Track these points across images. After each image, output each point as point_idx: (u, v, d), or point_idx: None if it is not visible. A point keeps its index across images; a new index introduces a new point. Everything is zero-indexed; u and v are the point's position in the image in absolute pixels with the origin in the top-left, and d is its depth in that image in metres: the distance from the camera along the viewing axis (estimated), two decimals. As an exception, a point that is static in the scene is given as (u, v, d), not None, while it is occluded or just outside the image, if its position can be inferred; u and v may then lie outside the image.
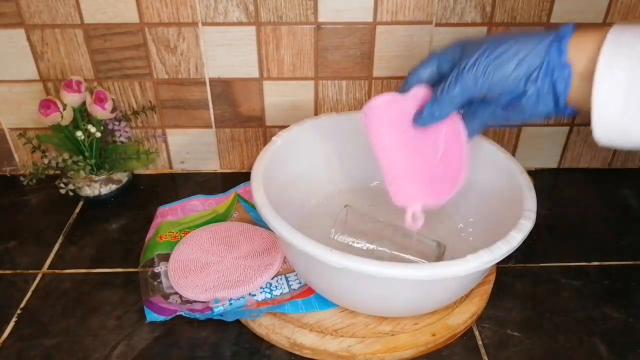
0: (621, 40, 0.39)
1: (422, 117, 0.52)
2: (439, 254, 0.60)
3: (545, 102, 0.44)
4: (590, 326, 0.59)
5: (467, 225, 0.66)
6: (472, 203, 0.66)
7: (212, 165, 0.84)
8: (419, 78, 0.52)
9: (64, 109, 0.69)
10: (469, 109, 0.52)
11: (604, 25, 0.40)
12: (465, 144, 0.54)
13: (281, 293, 0.59)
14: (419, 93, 0.53)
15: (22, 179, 0.74)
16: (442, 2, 0.69)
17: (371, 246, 0.60)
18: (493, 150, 0.63)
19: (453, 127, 0.54)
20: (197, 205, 0.74)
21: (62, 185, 0.72)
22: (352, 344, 0.55)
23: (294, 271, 0.62)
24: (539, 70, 0.43)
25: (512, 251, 0.49)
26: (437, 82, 0.51)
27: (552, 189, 0.81)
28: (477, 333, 0.58)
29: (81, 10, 0.69)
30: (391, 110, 0.53)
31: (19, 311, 0.60)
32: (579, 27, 0.43)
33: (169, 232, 0.67)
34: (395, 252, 0.60)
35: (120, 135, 0.76)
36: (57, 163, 0.71)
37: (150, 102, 0.77)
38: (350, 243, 0.61)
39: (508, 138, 0.81)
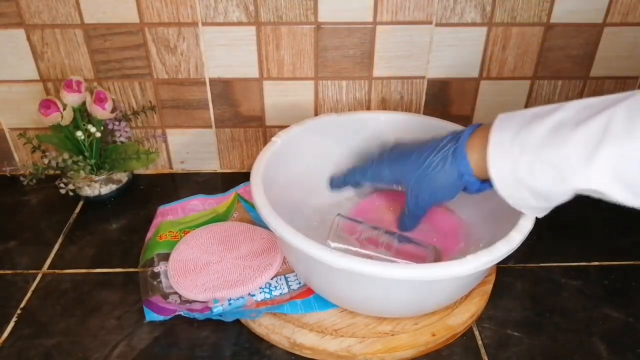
0: (503, 138, 0.47)
1: (406, 228, 0.62)
2: (436, 259, 0.60)
3: (479, 192, 0.53)
4: (590, 326, 0.59)
5: (467, 225, 0.66)
6: (472, 203, 0.66)
7: (212, 165, 0.84)
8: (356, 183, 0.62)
9: (64, 109, 0.69)
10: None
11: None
12: None
13: (280, 293, 0.59)
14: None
15: (22, 179, 0.74)
16: (442, 2, 0.69)
17: (366, 252, 0.60)
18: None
19: None
20: (198, 205, 0.74)
21: (62, 185, 0.72)
22: (352, 344, 0.55)
23: (294, 271, 0.62)
24: (458, 185, 0.53)
25: (511, 252, 0.49)
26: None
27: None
28: (477, 333, 0.58)
29: (81, 10, 0.69)
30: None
31: (19, 311, 0.60)
32: (471, 136, 0.52)
33: (169, 231, 0.67)
34: (391, 258, 0.60)
35: (120, 135, 0.76)
36: (57, 163, 0.71)
37: (150, 102, 0.77)
38: (345, 250, 0.61)
39: (508, 138, 0.81)
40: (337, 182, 0.65)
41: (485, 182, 0.51)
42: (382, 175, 0.58)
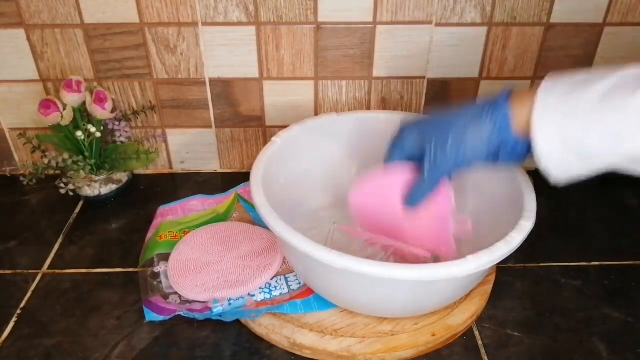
0: (549, 102, 0.45)
1: (413, 199, 0.54)
2: None
3: (511, 159, 0.49)
4: (590, 326, 0.59)
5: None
6: (472, 203, 0.66)
7: (212, 165, 0.84)
8: (401, 154, 0.55)
9: (64, 109, 0.69)
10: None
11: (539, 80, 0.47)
12: (451, 209, 0.55)
13: (280, 293, 0.59)
14: (400, 171, 0.55)
15: (22, 179, 0.74)
16: (442, 2, 0.69)
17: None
18: (493, 151, 0.63)
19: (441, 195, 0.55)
20: (198, 205, 0.74)
21: (62, 185, 0.72)
22: (352, 344, 0.55)
23: (294, 272, 0.62)
24: (492, 140, 0.48)
25: (511, 252, 0.49)
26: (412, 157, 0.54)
27: (552, 189, 0.81)
28: (477, 333, 0.58)
29: (81, 10, 0.69)
30: (377, 192, 0.57)
31: (19, 311, 0.60)
32: (515, 91, 0.49)
33: (169, 231, 0.67)
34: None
35: (120, 135, 0.76)
36: (57, 163, 0.71)
37: (150, 102, 0.77)
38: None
39: (508, 138, 0.81)
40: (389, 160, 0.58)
41: (520, 148, 0.48)
42: (409, 138, 0.53)
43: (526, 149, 0.48)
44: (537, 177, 0.85)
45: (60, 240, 0.70)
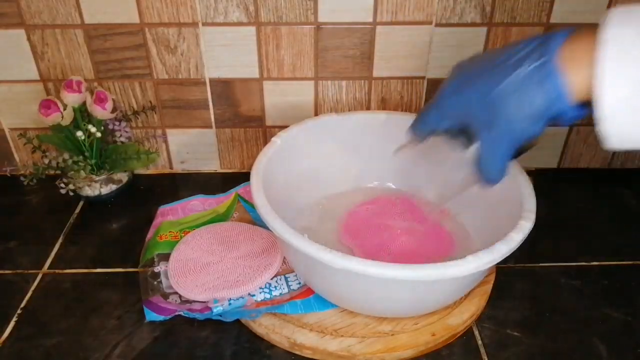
0: (625, 45, 0.35)
1: (490, 176, 0.46)
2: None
3: (572, 122, 0.41)
4: (590, 326, 0.59)
5: (466, 225, 0.66)
6: (471, 203, 0.66)
7: (212, 165, 0.84)
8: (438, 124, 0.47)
9: (65, 109, 0.69)
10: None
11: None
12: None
13: (280, 293, 0.59)
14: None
15: (22, 179, 0.74)
16: (442, 2, 0.69)
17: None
18: (493, 151, 0.63)
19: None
20: (198, 205, 0.74)
21: (62, 185, 0.72)
22: (352, 343, 0.55)
23: (294, 271, 0.62)
24: (548, 114, 0.40)
25: (511, 252, 0.49)
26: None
27: (552, 189, 0.81)
28: (477, 333, 0.58)
29: (81, 10, 0.69)
30: None
31: (19, 311, 0.60)
32: (566, 42, 0.39)
33: (169, 231, 0.67)
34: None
35: (121, 136, 0.76)
36: (58, 163, 0.71)
37: (150, 102, 0.77)
38: None
39: (508, 138, 0.81)
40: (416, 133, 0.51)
41: (584, 108, 0.39)
42: (445, 112, 0.45)
43: (589, 112, 0.38)
44: (537, 177, 0.86)
45: (60, 240, 0.70)
